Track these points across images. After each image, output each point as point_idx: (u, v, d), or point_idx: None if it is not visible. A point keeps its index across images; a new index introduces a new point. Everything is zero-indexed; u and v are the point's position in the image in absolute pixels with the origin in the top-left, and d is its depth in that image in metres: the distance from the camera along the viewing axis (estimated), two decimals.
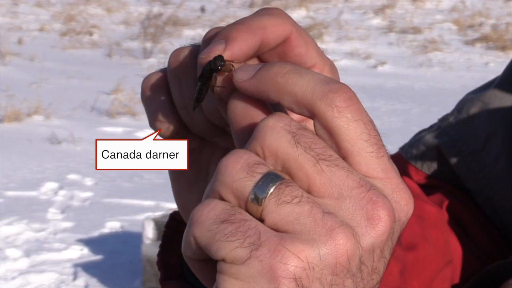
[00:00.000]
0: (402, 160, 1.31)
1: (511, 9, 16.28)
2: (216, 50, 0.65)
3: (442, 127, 1.28)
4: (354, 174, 0.59)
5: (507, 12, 16.29)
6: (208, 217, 0.58)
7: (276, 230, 0.58)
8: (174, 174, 0.77)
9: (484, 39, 14.62)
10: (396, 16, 16.89)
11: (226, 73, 0.65)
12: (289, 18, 0.69)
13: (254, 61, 0.70)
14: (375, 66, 12.71)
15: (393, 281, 1.11)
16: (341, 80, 0.61)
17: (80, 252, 5.28)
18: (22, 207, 6.04)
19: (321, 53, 0.71)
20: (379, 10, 17.09)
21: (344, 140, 0.60)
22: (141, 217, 5.42)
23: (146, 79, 0.73)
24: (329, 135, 0.60)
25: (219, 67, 0.65)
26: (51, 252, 5.27)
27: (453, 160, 1.24)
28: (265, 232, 0.57)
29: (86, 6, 17.04)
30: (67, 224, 5.77)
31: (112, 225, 5.72)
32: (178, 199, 0.79)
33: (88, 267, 5.06)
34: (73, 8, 16.74)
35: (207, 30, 0.71)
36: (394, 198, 0.61)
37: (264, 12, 0.69)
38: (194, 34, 13.96)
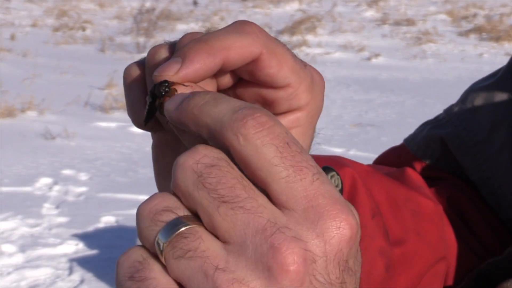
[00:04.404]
0: (406, 152, 1.30)
1: (505, 0, 16.28)
2: (170, 70, 0.64)
3: (447, 118, 1.27)
4: (261, 216, 0.55)
5: (501, 3, 16.29)
6: (121, 269, 0.58)
7: (179, 283, 0.56)
8: (157, 154, 0.75)
9: (478, 30, 14.62)
10: (390, 8, 16.88)
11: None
12: (262, 36, 0.66)
13: (227, 77, 0.69)
14: (369, 59, 12.71)
15: (378, 276, 1.10)
16: (335, 73, 0.60)
17: (76, 247, 5.27)
18: (17, 202, 6.03)
19: (298, 70, 0.69)
20: (373, 3, 17.08)
21: (256, 169, 0.56)
22: (136, 211, 5.40)
23: (126, 69, 0.71)
24: (243, 166, 0.57)
25: (162, 93, 0.63)
26: (46, 247, 5.26)
27: (457, 152, 1.23)
28: None
29: (78, 1, 17.01)
30: (62, 219, 5.76)
31: (107, 220, 5.71)
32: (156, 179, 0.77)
33: (83, 262, 5.05)
34: (66, 3, 16.70)
35: (200, 24, 0.70)
36: (317, 231, 0.55)
37: (234, 29, 0.66)
38: (187, 28, 13.93)
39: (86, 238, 5.41)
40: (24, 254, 5.16)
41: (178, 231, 0.56)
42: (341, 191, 1.09)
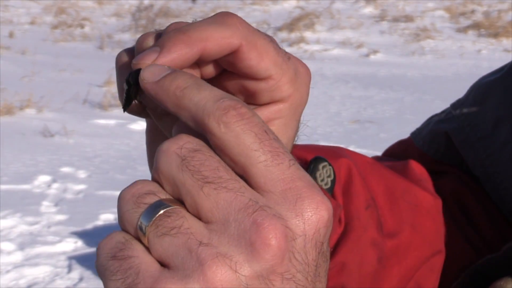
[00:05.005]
0: (412, 146, 1.30)
1: None
2: (147, 58, 0.65)
3: (452, 113, 1.27)
4: (243, 195, 0.57)
5: None
6: (103, 251, 0.59)
7: (162, 262, 0.57)
8: (150, 139, 0.76)
9: (476, 26, 14.63)
10: (388, 5, 16.88)
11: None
12: (242, 28, 0.67)
13: (210, 67, 0.70)
14: (367, 55, 12.71)
15: (370, 267, 1.11)
16: (334, 69, 0.60)
17: (74, 245, 5.28)
18: (16, 200, 6.02)
19: (280, 62, 0.69)
20: None
21: (235, 154, 0.59)
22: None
23: (118, 56, 0.72)
24: (222, 153, 0.59)
25: (138, 81, 0.65)
26: (45, 245, 5.26)
27: (461, 146, 1.23)
28: (144, 272, 0.57)
29: None
30: (61, 217, 5.76)
31: (106, 217, 5.71)
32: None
33: (82, 260, 5.05)
34: (64, 1, 16.69)
35: None
36: (296, 211, 0.58)
37: (215, 20, 0.67)
38: None
39: (85, 236, 5.42)
40: (23, 252, 5.16)
41: (162, 211, 0.58)
42: (333, 181, 1.11)
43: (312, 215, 0.58)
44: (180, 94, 0.61)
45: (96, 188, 6.37)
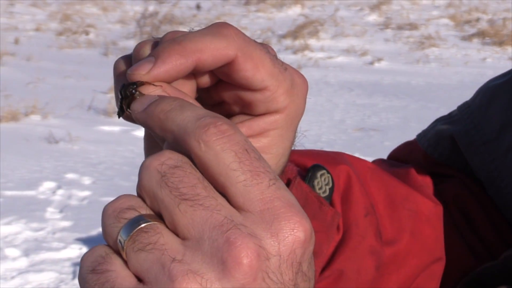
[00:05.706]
0: (417, 147, 1.30)
1: (508, 4, 16.29)
2: (142, 69, 0.66)
3: (459, 115, 1.26)
4: (219, 213, 0.58)
5: (504, 8, 16.29)
6: (84, 263, 0.60)
7: (138, 277, 0.58)
8: (147, 145, 0.77)
9: (481, 34, 14.61)
10: (392, 12, 16.88)
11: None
12: (238, 39, 0.68)
13: (206, 77, 0.71)
14: (371, 63, 12.70)
15: (367, 275, 1.11)
16: (338, 77, 0.60)
17: (79, 251, 5.28)
18: (21, 206, 6.03)
19: (276, 73, 0.70)
20: (375, 7, 17.08)
21: (215, 174, 0.59)
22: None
23: (115, 63, 0.73)
24: (204, 171, 0.60)
25: (128, 94, 0.66)
26: (50, 251, 5.26)
27: (466, 150, 1.23)
28: (118, 286, 0.58)
29: (82, 5, 17.02)
30: (66, 223, 5.76)
31: None
32: None
33: None
34: (69, 7, 16.72)
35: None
36: (272, 231, 0.58)
37: (211, 31, 0.68)
38: None
39: (90, 242, 5.42)
40: (28, 258, 5.17)
41: (140, 227, 0.59)
42: (331, 189, 1.10)
43: (287, 236, 0.58)
44: (164, 117, 0.62)
45: (100, 195, 6.37)
